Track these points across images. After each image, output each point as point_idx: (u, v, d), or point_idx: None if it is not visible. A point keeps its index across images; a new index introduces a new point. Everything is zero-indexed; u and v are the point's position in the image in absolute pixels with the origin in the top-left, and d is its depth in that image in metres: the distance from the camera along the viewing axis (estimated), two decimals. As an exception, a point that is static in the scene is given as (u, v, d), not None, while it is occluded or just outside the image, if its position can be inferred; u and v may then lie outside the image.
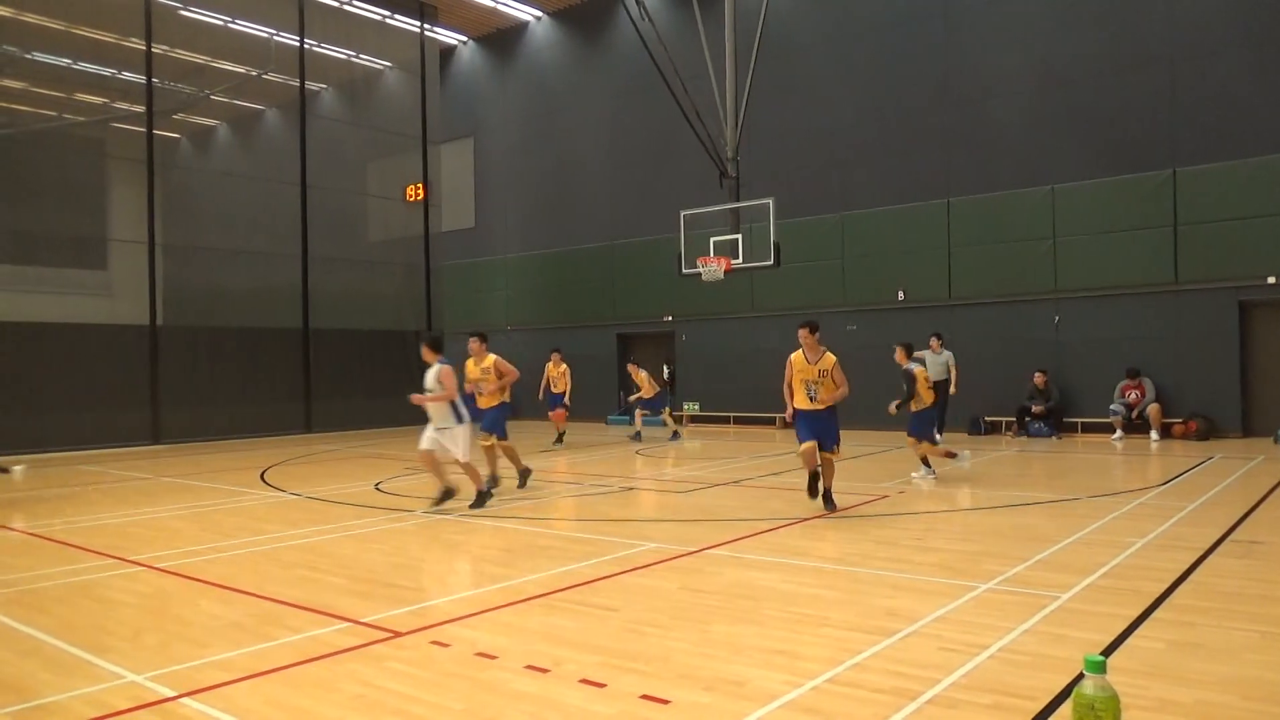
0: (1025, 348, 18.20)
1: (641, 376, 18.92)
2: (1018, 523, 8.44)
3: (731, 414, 22.27)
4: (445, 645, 5.00)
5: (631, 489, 11.52)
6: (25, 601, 6.21)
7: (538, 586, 6.34)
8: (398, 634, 5.23)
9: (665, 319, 23.54)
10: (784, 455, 15.08)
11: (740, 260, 17.28)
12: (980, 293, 18.83)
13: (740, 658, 4.69)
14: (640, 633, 5.19)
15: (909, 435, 11.68)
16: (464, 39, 27.96)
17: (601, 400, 24.22)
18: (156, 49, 20.45)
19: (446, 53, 27.81)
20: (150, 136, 20.41)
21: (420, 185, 25.38)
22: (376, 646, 5.03)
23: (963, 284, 19.04)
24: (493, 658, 4.77)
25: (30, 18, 20.61)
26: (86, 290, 27.02)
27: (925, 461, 11.66)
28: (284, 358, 21.83)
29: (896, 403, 11.43)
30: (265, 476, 13.46)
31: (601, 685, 4.33)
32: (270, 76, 24.33)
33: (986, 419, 18.47)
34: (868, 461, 13.97)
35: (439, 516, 9.45)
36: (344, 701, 4.20)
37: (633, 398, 19.47)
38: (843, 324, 20.41)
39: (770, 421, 21.32)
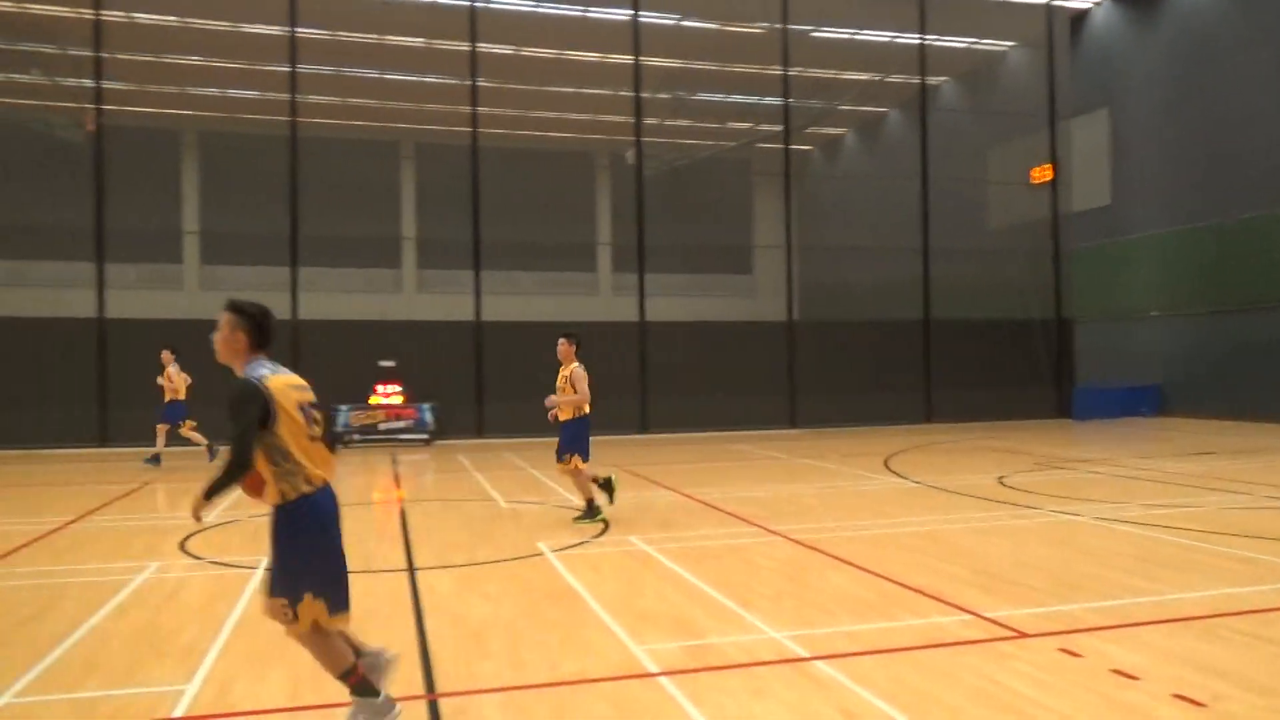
0: None
1: (170, 373, 14.21)
2: None
3: None
4: (1076, 655, 4.61)
5: (1322, 506, 9.36)
6: (691, 555, 7.31)
7: (1193, 606, 5.50)
8: (1023, 634, 4.97)
9: (1374, 297, 18.66)
10: None
11: None
12: None
13: None
14: (1337, 682, 4.18)
15: None
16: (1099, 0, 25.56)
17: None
18: (791, 72, 22.43)
19: (1077, 19, 25.70)
20: (787, 152, 22.48)
21: (1047, 165, 23.92)
22: (1000, 644, 4.84)
23: None
24: (1133, 678, 4.26)
25: (699, 65, 24.25)
26: (734, 292, 31.01)
27: None
28: (905, 349, 22.34)
29: None
30: (888, 463, 13.93)
31: (1280, 735, 3.58)
32: (893, 79, 25.13)
33: None
34: None
35: (1069, 517, 8.78)
36: (965, 693, 4.12)
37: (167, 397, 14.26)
38: None
39: None
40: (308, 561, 3.64)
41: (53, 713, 4.11)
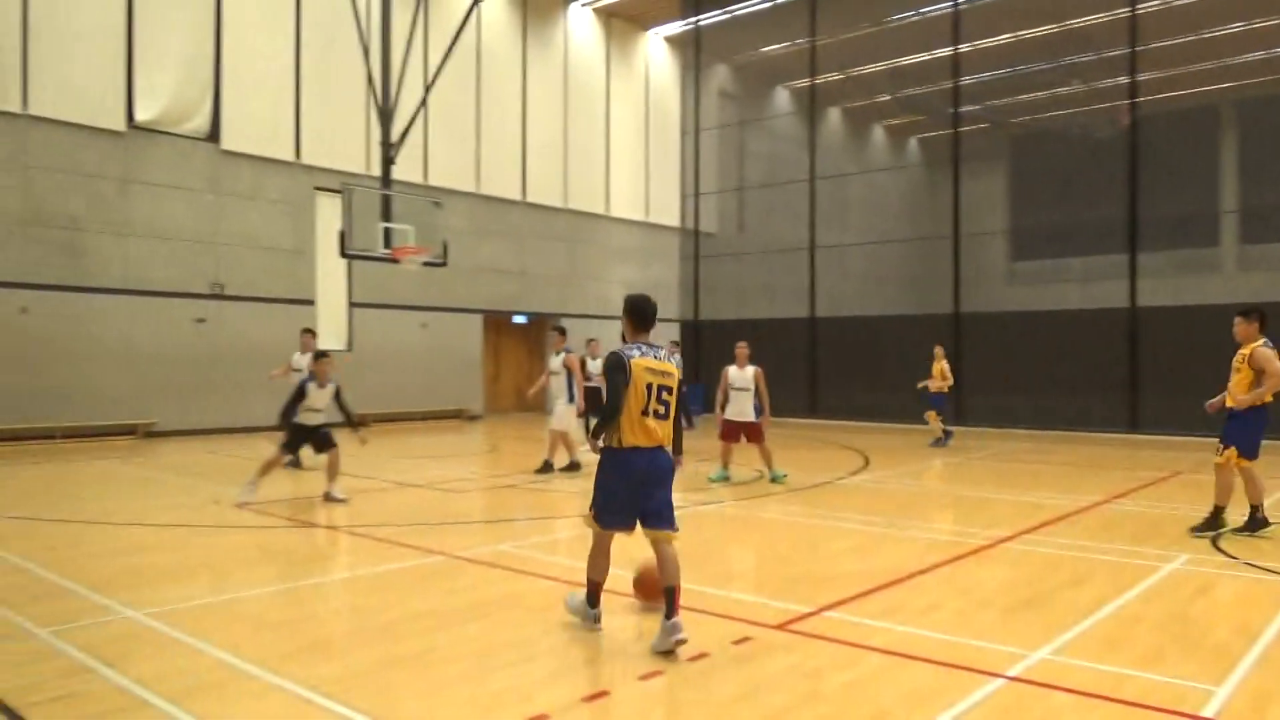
0: None
1: (940, 367, 15.80)
2: None
3: None
4: None
5: None
6: None
7: None
8: None
9: None
10: None
11: None
12: None
13: None
14: None
15: None
16: None
17: None
18: None
19: None
20: None
21: None
22: None
23: None
24: None
25: None
26: None
27: None
28: None
29: None
30: None
31: None
32: None
33: None
34: None
35: None
36: None
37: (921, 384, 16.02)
38: None
39: None
40: (598, 489, 4.95)
41: (1080, 678, 4.32)
